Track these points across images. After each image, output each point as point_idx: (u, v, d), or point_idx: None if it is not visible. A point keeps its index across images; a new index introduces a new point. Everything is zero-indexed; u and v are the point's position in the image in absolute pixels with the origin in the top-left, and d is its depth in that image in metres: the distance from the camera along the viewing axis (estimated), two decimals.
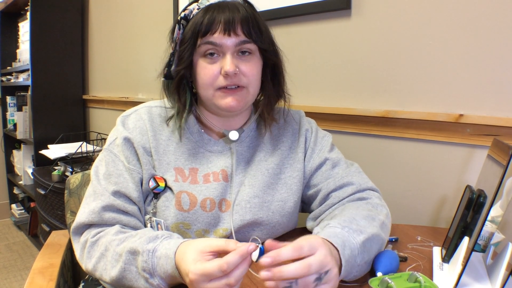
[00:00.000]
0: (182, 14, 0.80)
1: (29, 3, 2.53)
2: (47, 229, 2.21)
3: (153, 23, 2.13)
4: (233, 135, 0.84)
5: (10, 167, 3.34)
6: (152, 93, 2.15)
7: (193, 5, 0.79)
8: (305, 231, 0.90)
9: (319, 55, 1.34)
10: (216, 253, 0.59)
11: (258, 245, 0.57)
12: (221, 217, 0.81)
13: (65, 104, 2.75)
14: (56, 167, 2.27)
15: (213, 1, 0.78)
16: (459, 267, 0.67)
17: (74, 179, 1.10)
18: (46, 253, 1.02)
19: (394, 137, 1.17)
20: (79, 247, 0.77)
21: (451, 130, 1.04)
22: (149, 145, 0.82)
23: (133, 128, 0.83)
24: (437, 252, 0.81)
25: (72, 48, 2.76)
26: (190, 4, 0.80)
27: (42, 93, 2.63)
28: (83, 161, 2.28)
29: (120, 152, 0.81)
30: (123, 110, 0.89)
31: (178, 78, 0.81)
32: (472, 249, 0.65)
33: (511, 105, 0.95)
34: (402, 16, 1.12)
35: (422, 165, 1.12)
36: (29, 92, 2.66)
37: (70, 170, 2.17)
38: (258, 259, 0.55)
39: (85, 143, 2.34)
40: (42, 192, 2.19)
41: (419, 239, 0.90)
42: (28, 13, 2.61)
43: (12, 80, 3.04)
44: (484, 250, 0.81)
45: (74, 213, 1.06)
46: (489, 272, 0.70)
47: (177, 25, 0.80)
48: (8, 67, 3.17)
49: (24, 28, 2.92)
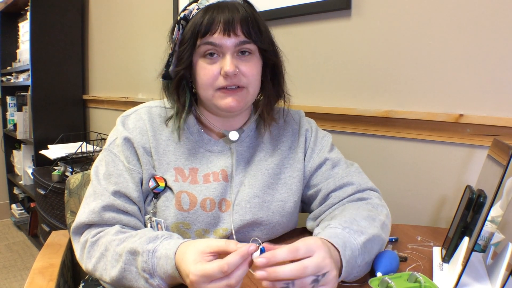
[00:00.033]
0: (182, 15, 0.79)
1: (29, 3, 2.53)
2: (47, 229, 2.21)
3: (153, 23, 2.13)
4: (233, 136, 0.84)
5: (10, 167, 3.35)
6: (152, 93, 2.15)
7: (193, 5, 0.79)
8: (305, 231, 0.90)
9: (319, 55, 1.34)
10: (216, 254, 0.59)
11: (259, 246, 0.57)
12: (221, 217, 0.81)
13: (65, 104, 2.75)
14: (56, 167, 2.27)
15: (213, 1, 0.78)
16: (459, 267, 0.67)
17: (74, 179, 1.10)
18: (46, 253, 1.02)
19: (394, 137, 1.17)
20: (79, 247, 0.77)
21: (451, 130, 1.04)
22: (149, 145, 0.82)
23: (133, 128, 0.83)
24: (437, 252, 0.81)
25: (72, 48, 2.76)
26: (190, 4, 0.80)
27: (42, 93, 2.63)
28: (83, 161, 2.28)
29: (120, 152, 0.81)
30: (123, 110, 0.89)
31: (178, 79, 0.81)
32: (472, 249, 0.65)
33: (511, 105, 0.95)
34: (402, 16, 1.12)
35: (422, 165, 1.12)
36: (29, 92, 2.66)
37: (70, 170, 2.17)
38: None
39: (85, 143, 2.34)
40: (42, 192, 2.20)
41: (419, 239, 0.90)
42: (28, 13, 2.61)
43: (12, 80, 3.04)
44: (484, 250, 0.81)
45: (74, 213, 1.06)
46: (489, 272, 0.70)
47: (177, 26, 0.80)
48: (8, 67, 3.17)
49: (24, 28, 2.92)
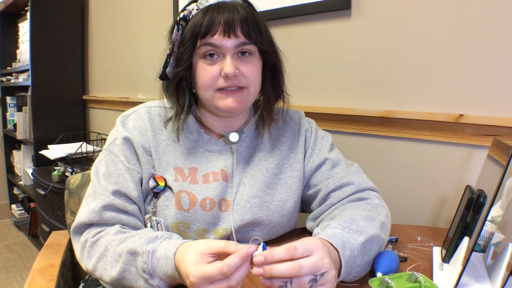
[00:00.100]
0: (181, 15, 0.79)
1: (29, 3, 2.53)
2: (47, 229, 2.21)
3: (153, 23, 2.13)
4: (233, 137, 0.84)
5: (10, 167, 3.35)
6: (152, 93, 2.15)
7: (192, 5, 0.79)
8: (305, 231, 0.90)
9: (319, 55, 1.34)
10: (216, 255, 0.59)
11: (259, 246, 0.57)
12: (221, 217, 0.81)
13: (65, 104, 2.75)
14: (56, 167, 2.27)
15: (213, 2, 0.78)
16: (459, 267, 0.67)
17: (74, 180, 1.10)
18: (46, 253, 1.02)
19: (394, 137, 1.17)
20: (79, 247, 0.77)
21: (451, 130, 1.04)
22: (149, 145, 0.82)
23: (133, 128, 0.83)
24: (437, 252, 0.81)
25: (72, 48, 2.76)
26: (189, 4, 0.79)
27: (42, 93, 2.63)
28: (83, 161, 2.28)
29: (120, 152, 0.81)
30: (123, 110, 0.89)
31: (177, 80, 0.81)
32: (472, 249, 0.65)
33: (511, 105, 0.95)
34: (402, 16, 1.12)
35: (422, 165, 1.12)
36: (29, 92, 2.66)
37: (70, 171, 2.17)
38: None
39: (85, 143, 2.34)
40: (42, 193, 2.19)
41: (419, 239, 0.90)
42: (28, 13, 2.61)
43: (12, 80, 3.04)
44: (484, 250, 0.81)
45: (74, 213, 1.06)
46: (489, 272, 0.70)
47: (176, 26, 0.79)
48: (8, 67, 3.17)
49: (24, 28, 2.92)
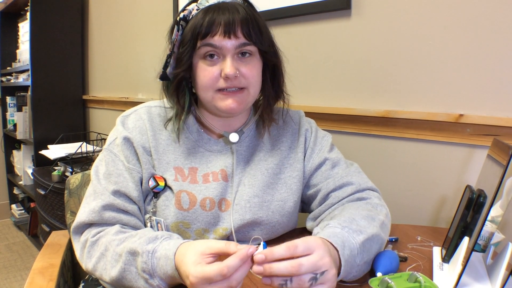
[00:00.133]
0: (181, 15, 0.79)
1: (29, 3, 2.53)
2: (47, 229, 2.21)
3: (153, 23, 2.13)
4: (233, 138, 0.84)
5: (10, 167, 3.34)
6: (152, 93, 2.15)
7: (192, 5, 0.78)
8: (305, 231, 0.90)
9: (319, 55, 1.34)
10: (217, 255, 0.59)
11: (258, 246, 0.57)
12: (221, 217, 0.81)
13: (65, 104, 2.75)
14: (56, 167, 2.27)
15: (213, 2, 0.77)
16: (459, 267, 0.67)
17: (74, 179, 1.10)
18: (46, 253, 1.02)
19: (394, 137, 1.17)
20: (79, 247, 0.77)
21: (451, 130, 1.04)
22: (149, 145, 0.82)
23: (133, 128, 0.83)
24: (437, 252, 0.81)
25: (72, 48, 2.75)
26: (189, 4, 0.79)
27: (42, 93, 2.63)
28: (83, 161, 2.28)
29: (120, 152, 0.81)
30: (123, 110, 0.89)
31: (177, 80, 0.81)
32: (472, 249, 0.65)
33: (511, 105, 0.95)
34: (402, 16, 1.12)
35: (422, 165, 1.12)
36: (29, 92, 2.66)
37: (70, 170, 2.17)
38: None
39: (85, 143, 2.34)
40: (42, 192, 2.19)
41: (419, 239, 0.90)
42: (28, 13, 2.61)
43: (12, 80, 3.04)
44: (484, 250, 0.81)
45: (74, 213, 1.06)
46: (489, 272, 0.70)
47: (176, 26, 0.79)
48: (8, 67, 3.17)
49: (24, 28, 2.92)
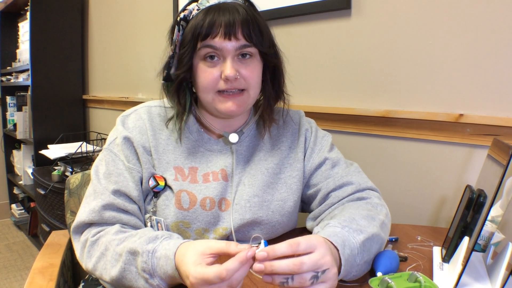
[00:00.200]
0: (182, 15, 0.79)
1: (29, 3, 2.53)
2: (47, 229, 2.21)
3: (153, 23, 2.13)
4: (233, 138, 0.84)
5: (10, 167, 3.34)
6: (152, 93, 2.15)
7: (193, 5, 0.78)
8: (305, 231, 0.90)
9: (319, 55, 1.34)
10: (217, 255, 0.59)
11: (259, 245, 0.57)
12: (221, 216, 0.81)
13: (65, 104, 2.75)
14: (56, 167, 2.27)
15: (213, 2, 0.77)
16: (459, 267, 0.67)
17: (74, 179, 1.10)
18: (46, 253, 1.02)
19: (394, 137, 1.17)
20: (79, 246, 0.77)
21: (451, 130, 1.04)
22: (149, 144, 0.82)
23: (133, 128, 0.83)
24: (437, 252, 0.81)
25: (72, 48, 2.75)
26: (189, 4, 0.79)
27: (42, 93, 2.63)
28: (83, 161, 2.28)
29: (120, 152, 0.81)
30: (123, 110, 0.89)
31: (178, 81, 0.81)
32: (472, 249, 0.65)
33: (511, 105, 0.95)
34: (402, 16, 1.12)
35: (422, 165, 1.12)
36: (29, 92, 2.66)
37: (70, 170, 2.17)
38: None
39: (85, 143, 2.34)
40: (42, 192, 2.19)
41: (419, 239, 0.90)
42: (28, 13, 2.61)
43: (12, 80, 3.04)
44: (484, 250, 0.81)
45: (74, 213, 1.06)
46: (489, 272, 0.70)
47: (177, 27, 0.79)
48: (8, 67, 3.17)
49: (24, 28, 2.92)
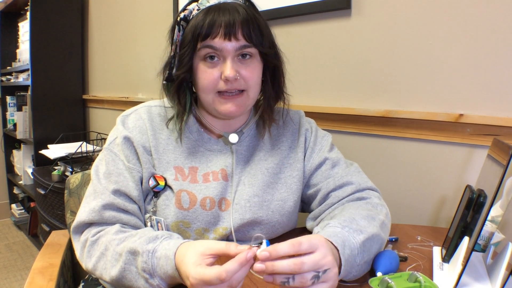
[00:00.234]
0: (182, 15, 0.78)
1: (29, 3, 2.53)
2: (47, 229, 2.21)
3: (153, 23, 2.13)
4: (233, 138, 0.84)
5: (10, 167, 3.34)
6: (152, 93, 2.15)
7: (193, 5, 0.78)
8: (305, 231, 0.90)
9: (319, 55, 1.34)
10: (217, 256, 0.59)
11: (260, 244, 0.57)
12: (221, 216, 0.81)
13: (65, 104, 2.75)
14: (56, 167, 2.27)
15: (214, 2, 0.77)
16: (459, 267, 0.67)
17: (74, 179, 1.10)
18: (46, 253, 1.02)
19: (395, 137, 1.17)
20: (79, 246, 0.77)
21: (451, 130, 1.04)
22: (149, 144, 0.82)
23: (133, 128, 0.83)
24: (437, 252, 0.81)
25: (72, 48, 2.75)
26: (190, 4, 0.79)
27: (42, 93, 2.63)
28: (83, 161, 2.28)
29: (120, 151, 0.81)
30: (123, 110, 0.89)
31: (179, 82, 0.81)
32: (472, 249, 0.65)
33: (511, 105, 0.95)
34: (402, 16, 1.12)
35: (422, 165, 1.12)
36: (29, 92, 2.66)
37: (70, 170, 2.17)
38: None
39: (85, 143, 2.34)
40: (42, 192, 2.19)
41: (419, 239, 0.90)
42: (28, 13, 2.61)
43: (12, 80, 3.04)
44: (484, 250, 0.81)
45: (74, 213, 1.06)
46: (489, 272, 0.70)
47: (177, 27, 0.79)
48: (8, 67, 3.17)
49: (24, 28, 2.92)
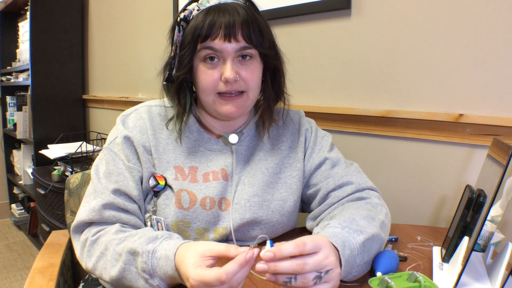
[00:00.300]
0: (182, 15, 0.78)
1: (29, 3, 2.53)
2: (47, 229, 2.21)
3: (153, 23, 2.13)
4: (233, 139, 0.84)
5: (10, 167, 3.34)
6: (152, 93, 2.15)
7: (193, 5, 0.78)
8: (305, 231, 0.90)
9: (319, 55, 1.34)
10: (217, 257, 0.59)
11: (259, 246, 0.57)
12: (221, 216, 0.81)
13: (65, 104, 2.75)
14: (56, 167, 2.27)
15: (214, 2, 0.77)
16: (459, 267, 0.67)
17: (74, 179, 1.10)
18: (46, 253, 1.02)
19: (395, 137, 1.17)
20: (79, 246, 0.77)
21: (451, 130, 1.04)
22: (149, 144, 0.82)
23: (133, 127, 0.83)
24: (437, 252, 0.81)
25: (72, 48, 2.76)
26: (190, 4, 0.79)
27: (42, 93, 2.63)
28: (83, 161, 2.28)
29: (120, 151, 0.81)
30: (123, 110, 0.89)
31: (179, 82, 0.81)
32: (472, 249, 0.65)
33: (511, 105, 0.95)
34: (402, 16, 1.12)
35: (422, 165, 1.12)
36: (29, 92, 2.66)
37: (70, 170, 2.17)
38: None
39: (85, 143, 2.34)
40: (42, 192, 2.19)
41: (419, 239, 0.90)
42: (28, 13, 2.61)
43: (12, 80, 3.04)
44: (484, 250, 0.81)
45: (74, 213, 1.06)
46: (489, 272, 0.70)
47: (177, 27, 0.79)
48: (8, 67, 3.17)
49: (24, 28, 2.92)
